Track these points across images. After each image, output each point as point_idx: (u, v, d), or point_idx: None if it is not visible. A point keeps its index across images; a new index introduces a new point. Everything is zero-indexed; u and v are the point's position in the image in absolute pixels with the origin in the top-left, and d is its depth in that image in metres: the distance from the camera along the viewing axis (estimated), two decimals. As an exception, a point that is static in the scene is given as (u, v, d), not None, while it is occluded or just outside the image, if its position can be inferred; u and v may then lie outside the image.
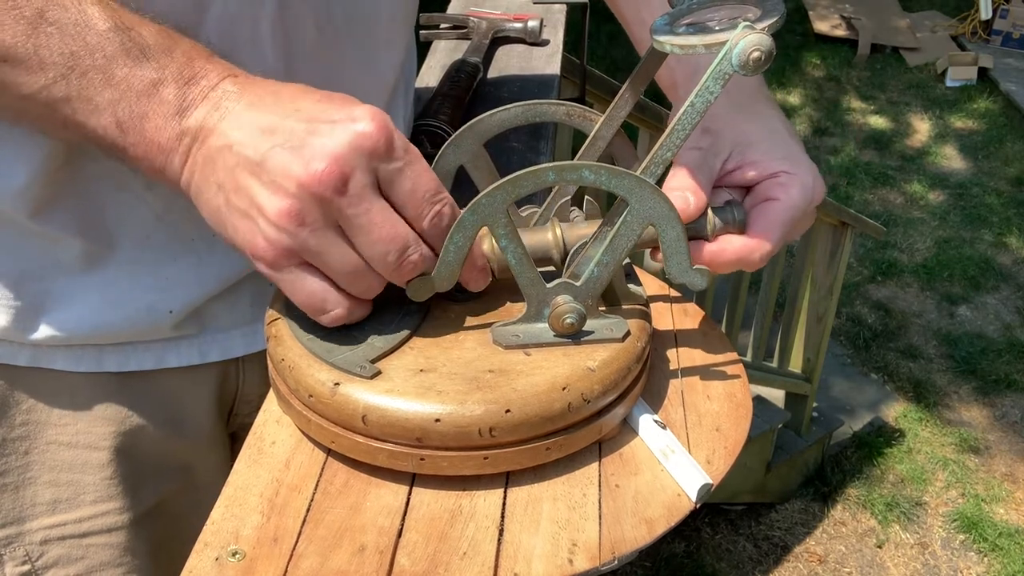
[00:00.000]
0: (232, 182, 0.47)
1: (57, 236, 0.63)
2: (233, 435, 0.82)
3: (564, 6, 1.30)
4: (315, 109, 0.48)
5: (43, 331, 0.65)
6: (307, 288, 0.49)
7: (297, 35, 0.64)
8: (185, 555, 0.47)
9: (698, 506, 0.51)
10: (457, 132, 0.59)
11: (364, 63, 0.71)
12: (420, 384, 0.50)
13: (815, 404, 3.29)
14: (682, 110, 0.51)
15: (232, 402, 0.78)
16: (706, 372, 0.61)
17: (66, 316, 0.65)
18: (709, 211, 0.57)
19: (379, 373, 0.50)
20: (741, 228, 0.57)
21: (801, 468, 3.21)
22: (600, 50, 5.60)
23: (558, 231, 0.56)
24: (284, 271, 0.48)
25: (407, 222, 0.49)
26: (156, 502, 0.75)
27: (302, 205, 0.46)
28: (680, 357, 0.62)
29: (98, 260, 0.64)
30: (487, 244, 0.56)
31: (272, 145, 0.46)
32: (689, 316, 0.67)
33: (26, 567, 0.72)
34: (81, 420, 0.69)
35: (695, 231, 0.57)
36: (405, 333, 0.53)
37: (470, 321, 0.56)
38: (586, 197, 0.60)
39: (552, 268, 0.56)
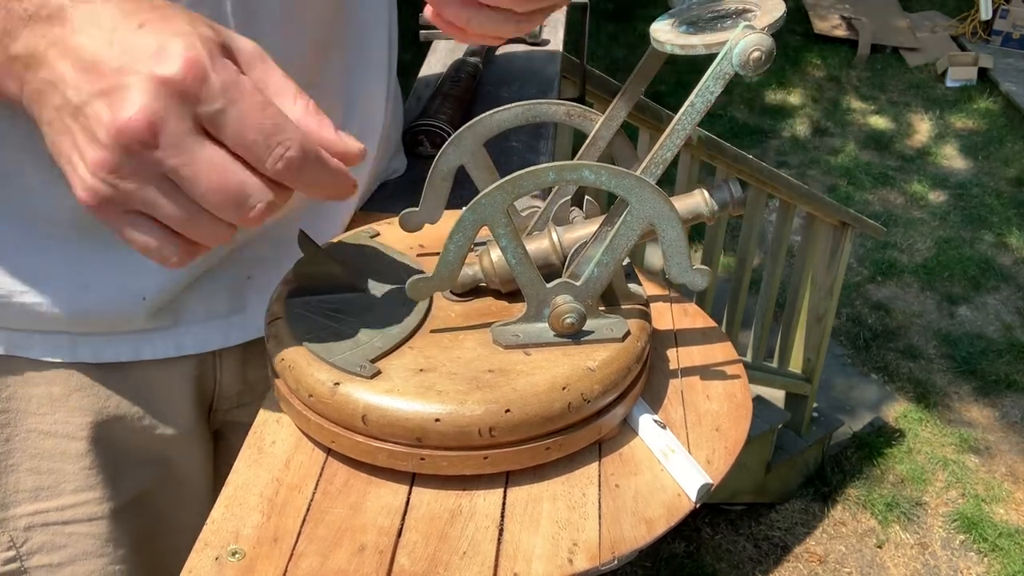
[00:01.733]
0: (59, 123, 0.45)
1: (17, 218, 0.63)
2: (217, 432, 0.82)
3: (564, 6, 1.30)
4: (135, 40, 0.43)
5: (16, 313, 0.65)
6: (140, 239, 0.46)
7: (258, 10, 0.62)
8: (169, 549, 0.47)
9: (698, 506, 0.51)
10: (457, 132, 0.59)
11: (324, 38, 0.70)
12: (420, 384, 0.50)
13: (815, 404, 3.29)
14: (682, 110, 0.51)
15: (212, 398, 0.78)
16: (706, 372, 0.61)
17: (39, 299, 0.65)
18: (705, 193, 0.57)
19: (379, 373, 0.50)
20: (741, 205, 0.57)
21: (801, 468, 3.21)
22: (600, 50, 5.60)
23: (554, 236, 0.56)
24: (114, 220, 0.45)
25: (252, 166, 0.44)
26: (136, 494, 0.75)
27: (115, 156, 0.43)
28: (680, 357, 0.62)
29: (63, 241, 0.64)
30: (486, 259, 0.56)
31: (91, 90, 0.43)
32: (689, 316, 0.67)
33: (11, 552, 0.72)
34: (59, 410, 0.70)
35: (696, 216, 0.57)
36: (405, 333, 0.53)
37: (470, 321, 0.56)
38: (586, 197, 0.60)
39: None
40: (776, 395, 3.22)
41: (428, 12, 0.60)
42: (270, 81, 0.46)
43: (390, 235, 0.64)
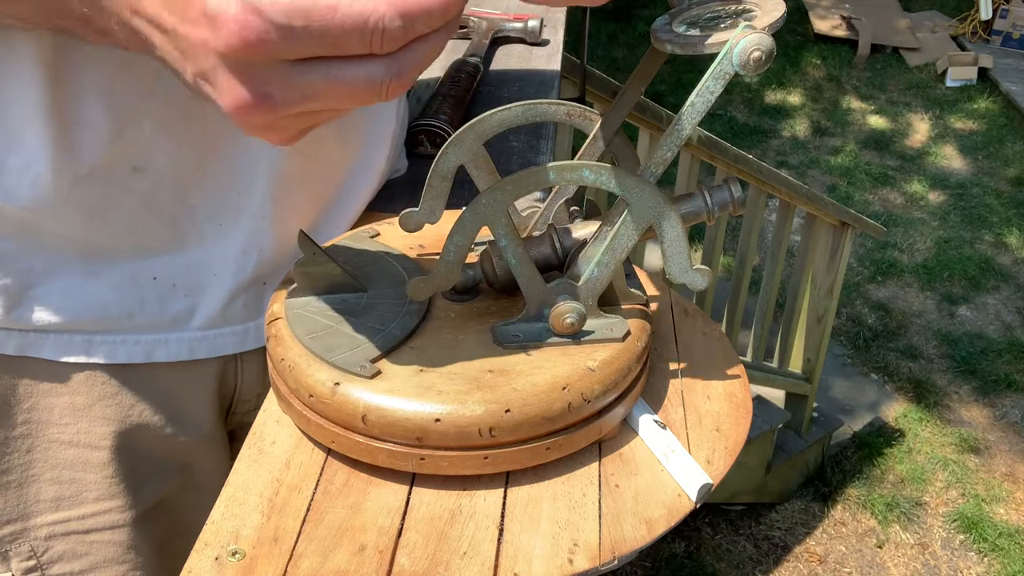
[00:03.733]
0: (199, 89, 0.44)
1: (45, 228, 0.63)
2: (231, 434, 0.82)
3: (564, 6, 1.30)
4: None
5: (29, 312, 0.65)
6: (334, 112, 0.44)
7: None
8: (187, 552, 0.47)
9: (698, 506, 0.51)
10: (457, 132, 0.59)
11: None
12: (420, 384, 0.50)
13: (815, 404, 3.29)
14: (683, 110, 0.51)
15: (231, 400, 0.78)
16: (706, 372, 0.61)
17: (50, 292, 0.65)
18: (705, 192, 0.57)
19: (379, 373, 0.50)
20: (741, 205, 0.57)
21: (801, 468, 3.21)
22: (600, 50, 5.60)
23: (554, 236, 0.56)
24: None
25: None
26: (157, 500, 0.75)
27: (251, 128, 0.43)
28: (680, 357, 0.62)
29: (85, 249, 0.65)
30: (486, 259, 0.56)
31: (194, 70, 0.42)
32: (689, 316, 0.67)
33: (32, 562, 0.72)
34: (81, 420, 0.70)
35: (696, 216, 0.57)
36: (405, 333, 0.53)
37: (470, 321, 0.56)
38: (586, 197, 0.60)
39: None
40: (776, 395, 3.22)
41: None
42: None
43: (390, 235, 0.64)
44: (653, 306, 0.63)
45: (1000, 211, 4.68)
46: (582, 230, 0.56)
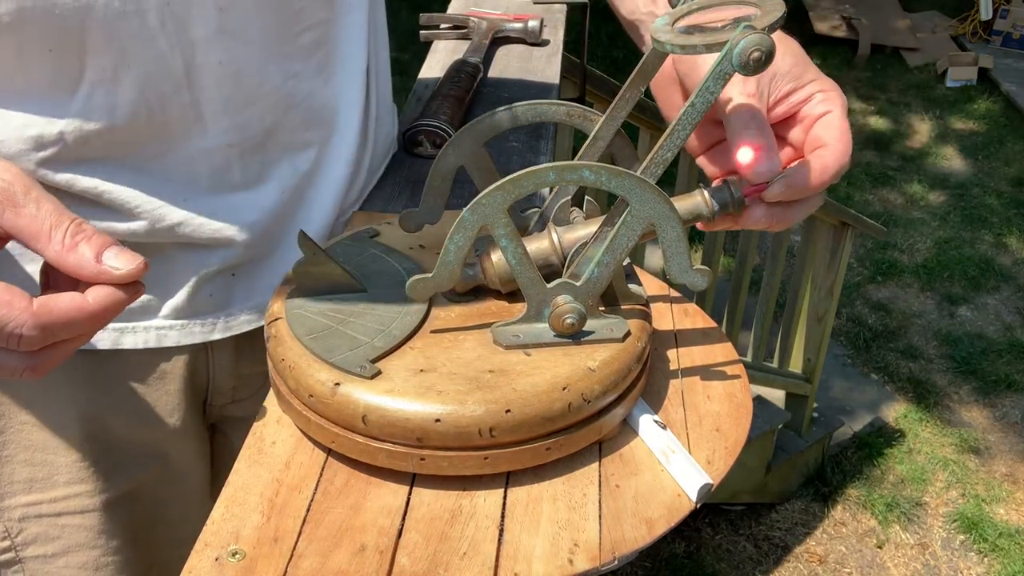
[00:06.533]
0: None
1: None
2: (214, 427, 0.82)
3: (564, 6, 1.30)
4: None
5: None
6: None
7: (193, 21, 0.59)
8: (165, 541, 0.48)
9: (698, 506, 0.51)
10: (457, 132, 0.59)
11: (278, 41, 0.65)
12: (420, 384, 0.50)
13: (815, 404, 3.29)
14: (683, 110, 0.51)
15: (206, 392, 0.78)
16: (706, 372, 0.61)
17: (14, 272, 0.65)
18: (705, 193, 0.57)
19: (379, 373, 0.50)
20: (740, 205, 0.57)
21: (801, 468, 3.21)
22: (600, 50, 5.60)
23: (555, 236, 0.56)
24: None
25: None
26: (130, 488, 0.75)
27: None
28: (680, 357, 0.62)
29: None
30: (486, 259, 0.56)
31: None
32: (689, 316, 0.67)
33: (6, 542, 0.73)
34: (52, 402, 0.70)
35: (696, 216, 0.57)
36: (405, 333, 0.53)
37: (470, 321, 0.56)
38: (586, 197, 0.60)
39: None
40: (776, 395, 3.22)
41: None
42: (22, 224, 0.47)
43: (390, 235, 0.64)
44: (653, 306, 0.63)
45: (1000, 211, 4.67)
46: (582, 230, 0.56)
